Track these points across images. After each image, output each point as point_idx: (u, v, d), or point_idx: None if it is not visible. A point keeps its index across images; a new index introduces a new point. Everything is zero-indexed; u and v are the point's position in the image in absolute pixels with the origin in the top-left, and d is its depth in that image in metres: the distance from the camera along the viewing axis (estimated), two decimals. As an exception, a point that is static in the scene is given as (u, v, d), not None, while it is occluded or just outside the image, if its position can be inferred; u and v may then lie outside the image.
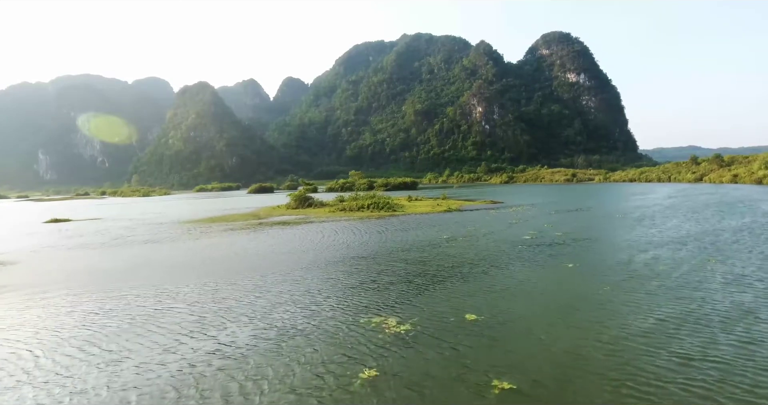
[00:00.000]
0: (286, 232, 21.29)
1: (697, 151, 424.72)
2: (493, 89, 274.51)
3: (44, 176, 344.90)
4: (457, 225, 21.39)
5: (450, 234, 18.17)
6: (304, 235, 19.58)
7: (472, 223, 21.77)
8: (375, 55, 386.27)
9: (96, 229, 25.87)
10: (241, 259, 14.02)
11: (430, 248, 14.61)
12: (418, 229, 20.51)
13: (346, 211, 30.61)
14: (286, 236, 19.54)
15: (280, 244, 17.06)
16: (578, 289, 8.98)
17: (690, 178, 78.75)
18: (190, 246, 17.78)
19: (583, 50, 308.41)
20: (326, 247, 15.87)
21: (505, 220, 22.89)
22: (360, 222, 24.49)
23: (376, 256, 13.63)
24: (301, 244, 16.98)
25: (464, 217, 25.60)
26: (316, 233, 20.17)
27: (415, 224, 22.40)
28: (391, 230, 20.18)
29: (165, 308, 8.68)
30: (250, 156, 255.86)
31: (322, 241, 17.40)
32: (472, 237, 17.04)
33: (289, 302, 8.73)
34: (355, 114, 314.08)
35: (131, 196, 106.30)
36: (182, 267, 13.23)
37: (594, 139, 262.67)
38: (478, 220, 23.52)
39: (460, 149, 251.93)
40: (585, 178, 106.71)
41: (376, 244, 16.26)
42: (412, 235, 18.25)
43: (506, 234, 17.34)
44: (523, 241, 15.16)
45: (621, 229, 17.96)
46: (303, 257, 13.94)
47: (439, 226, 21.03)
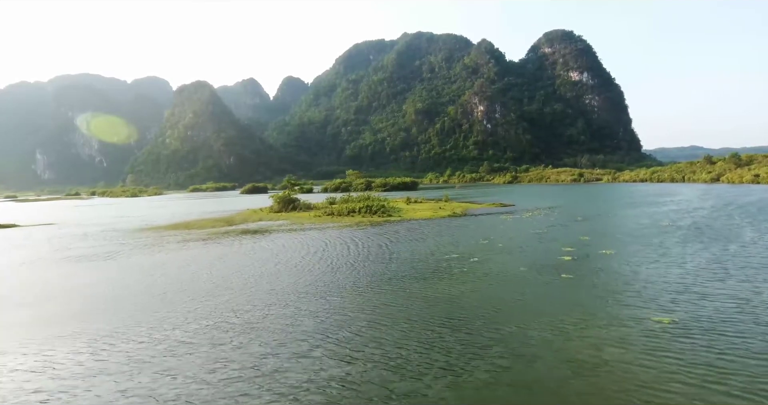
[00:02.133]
0: (251, 244, 17.19)
1: (699, 151, 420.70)
2: (495, 88, 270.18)
3: (42, 176, 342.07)
4: (467, 235, 17.25)
5: (460, 250, 14.02)
6: (270, 250, 15.48)
7: (485, 233, 17.63)
8: (375, 54, 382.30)
9: (35, 238, 21.81)
10: (146, 297, 9.92)
11: (434, 278, 10.46)
12: (417, 240, 16.39)
13: (334, 215, 26.51)
14: (246, 251, 15.42)
15: (230, 266, 12.94)
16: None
17: (706, 178, 74.53)
18: (120, 265, 13.71)
19: (585, 48, 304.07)
20: (289, 271, 11.76)
21: (526, 228, 18.75)
22: (347, 230, 20.37)
23: (354, 292, 9.50)
24: (258, 265, 12.86)
25: (473, 223, 21.47)
26: (287, 247, 16.07)
27: (413, 234, 18.27)
28: (383, 243, 16.05)
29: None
30: (248, 156, 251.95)
31: (288, 261, 13.29)
32: (492, 255, 12.89)
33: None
34: (355, 113, 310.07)
35: (119, 197, 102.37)
36: (60, 308, 9.12)
37: (597, 139, 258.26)
38: (491, 228, 19.38)
39: (462, 149, 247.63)
40: (592, 178, 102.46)
41: (358, 267, 12.14)
42: (409, 251, 14.13)
43: (536, 251, 13.17)
44: (565, 267, 10.97)
45: (688, 244, 13.71)
46: (241, 295, 9.81)
47: (444, 237, 16.89)
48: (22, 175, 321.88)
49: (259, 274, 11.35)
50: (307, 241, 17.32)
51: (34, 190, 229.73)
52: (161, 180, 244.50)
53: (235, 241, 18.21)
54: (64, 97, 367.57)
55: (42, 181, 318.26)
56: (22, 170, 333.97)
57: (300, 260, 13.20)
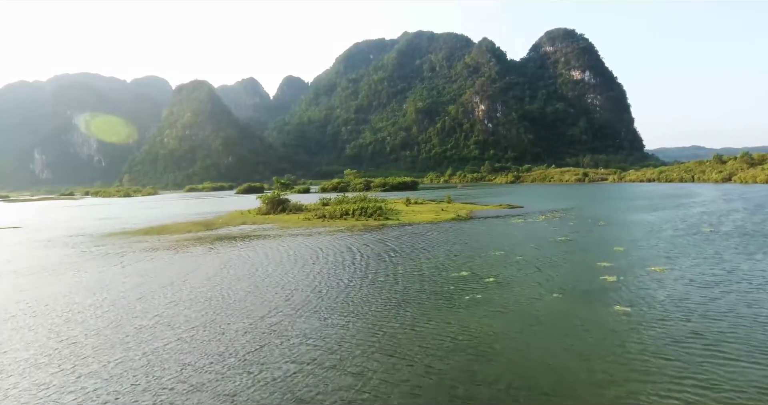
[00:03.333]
0: (225, 254, 14.61)
1: (700, 151, 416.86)
2: (496, 87, 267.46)
3: (40, 176, 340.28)
4: (476, 244, 14.67)
5: (471, 264, 11.43)
6: (246, 263, 12.92)
7: (497, 241, 15.05)
8: (376, 53, 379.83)
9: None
10: (54, 340, 7.36)
11: (442, 309, 7.87)
12: (417, 251, 13.80)
13: (325, 218, 23.92)
14: (217, 265, 12.84)
15: (192, 287, 10.37)
16: None
17: (717, 177, 71.90)
18: (61, 281, 11.14)
19: (588, 47, 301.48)
20: (262, 296, 9.18)
21: (544, 235, 16.16)
22: (338, 237, 17.80)
23: (342, 335, 6.93)
24: (226, 286, 10.28)
25: (481, 228, 18.89)
26: (266, 259, 13.51)
27: (412, 242, 15.68)
28: (377, 255, 13.47)
29: None
30: (247, 155, 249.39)
31: (263, 280, 10.72)
32: (512, 272, 10.30)
33: None
34: (355, 113, 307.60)
35: (112, 197, 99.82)
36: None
37: (599, 138, 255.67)
38: (504, 234, 16.79)
39: (462, 148, 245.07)
40: (597, 177, 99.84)
41: (343, 290, 9.56)
42: (406, 266, 11.55)
43: (566, 268, 10.52)
44: (613, 292, 8.24)
45: (754, 256, 11.12)
46: (192, 339, 7.23)
47: (449, 247, 14.29)
48: (20, 175, 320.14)
49: (225, 302, 8.76)
50: (290, 250, 14.77)
51: (31, 190, 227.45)
52: (159, 180, 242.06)
53: (208, 250, 15.65)
54: (63, 97, 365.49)
55: (40, 181, 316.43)
56: (20, 170, 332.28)
57: (278, 279, 10.61)
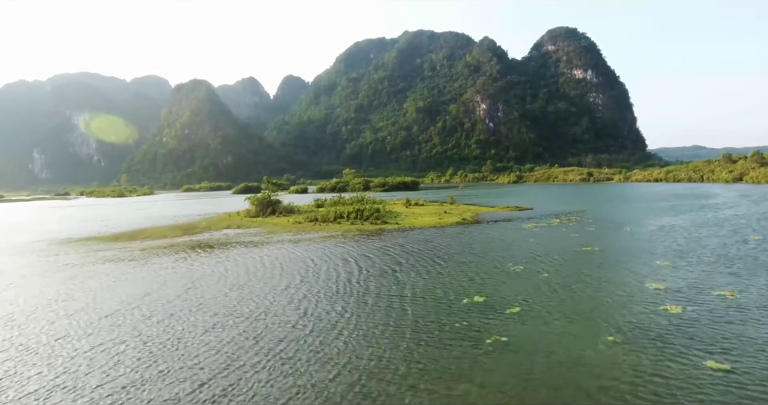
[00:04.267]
0: (198, 266, 12.44)
1: (700, 151, 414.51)
2: (497, 86, 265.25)
3: (39, 175, 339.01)
4: (488, 255, 12.44)
5: (485, 287, 9.20)
6: (219, 280, 10.75)
7: (513, 251, 12.84)
8: (376, 53, 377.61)
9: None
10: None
11: (452, 365, 5.67)
12: (419, 264, 11.60)
13: (317, 222, 21.74)
14: (185, 283, 10.66)
15: (143, 314, 8.21)
16: None
17: (727, 177, 69.56)
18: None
19: (590, 46, 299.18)
20: (223, 332, 7.02)
21: (567, 244, 13.95)
22: (329, 244, 15.62)
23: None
24: (180, 315, 8.11)
25: (491, 234, 16.68)
26: (242, 273, 11.34)
27: (414, 252, 13.48)
28: (374, 270, 11.27)
29: None
30: (246, 155, 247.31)
31: (230, 308, 8.54)
32: (540, 298, 8.09)
33: None
34: (355, 112, 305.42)
35: (106, 197, 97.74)
36: None
37: (602, 138, 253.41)
38: (519, 243, 14.57)
39: (464, 148, 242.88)
40: (602, 177, 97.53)
41: (333, 322, 7.39)
42: (402, 288, 9.35)
43: (608, 291, 8.27)
44: (688, 332, 5.84)
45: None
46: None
47: (456, 260, 12.07)
48: (19, 175, 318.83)
49: (173, 348, 6.55)
50: (274, 263, 12.60)
51: (28, 190, 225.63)
52: (158, 179, 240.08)
53: (178, 261, 13.48)
54: (62, 96, 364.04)
55: (39, 181, 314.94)
56: (19, 169, 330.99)
57: (252, 308, 8.40)
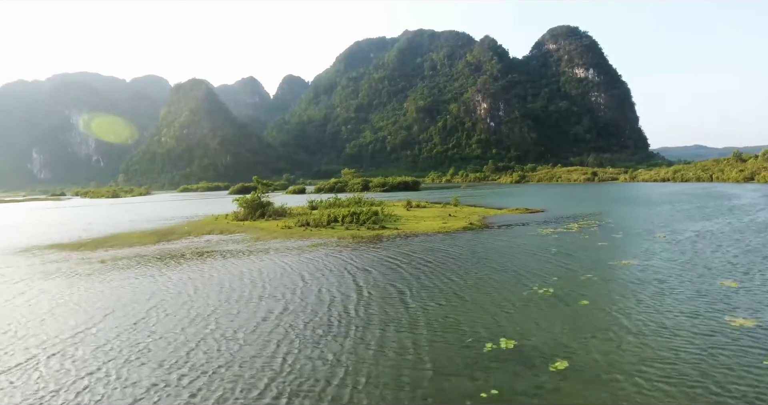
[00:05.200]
0: (157, 289, 10.31)
1: (701, 150, 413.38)
2: (498, 85, 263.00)
3: (38, 175, 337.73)
4: (507, 273, 10.28)
5: (511, 323, 7.07)
6: (177, 308, 8.63)
7: (533, 266, 10.71)
8: (376, 52, 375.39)
9: None
10: None
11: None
12: (426, 288, 9.46)
13: (309, 226, 19.63)
14: (132, 313, 8.55)
15: (54, 376, 6.11)
16: None
17: (737, 177, 67.46)
18: None
19: (591, 45, 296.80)
20: (173, 392, 4.90)
21: (596, 256, 11.83)
22: (318, 255, 13.51)
23: None
24: (116, 361, 6.03)
25: (504, 242, 14.55)
26: (213, 297, 9.22)
27: (419, 267, 11.35)
28: (371, 296, 9.15)
29: None
30: (245, 154, 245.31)
31: (186, 352, 6.45)
32: (587, 343, 5.97)
33: None
34: (355, 112, 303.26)
35: (100, 198, 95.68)
36: None
37: (604, 137, 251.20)
38: (539, 254, 12.44)
39: (464, 147, 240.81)
40: (607, 177, 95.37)
41: (323, 385, 5.29)
42: (401, 322, 7.25)
43: (687, 333, 6.03)
44: None
45: None
46: None
47: (471, 281, 9.91)
48: (18, 174, 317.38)
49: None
50: (253, 280, 10.52)
51: (25, 190, 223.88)
52: (156, 179, 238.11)
53: (141, 277, 11.40)
54: (61, 96, 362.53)
55: (38, 181, 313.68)
56: (17, 169, 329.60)
57: (213, 354, 6.28)
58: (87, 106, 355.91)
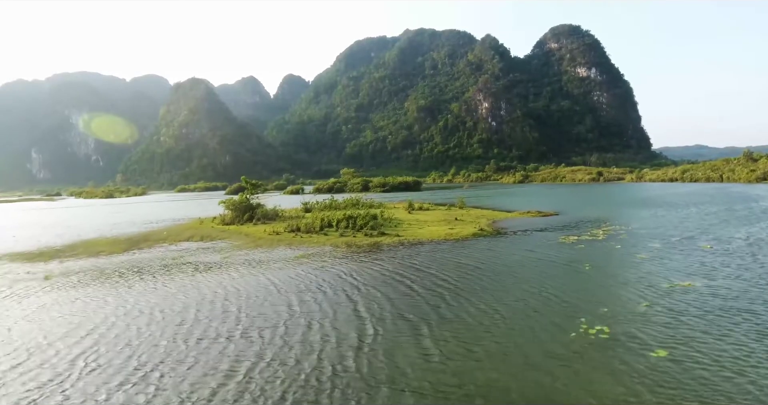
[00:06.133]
0: (100, 319, 8.23)
1: (703, 150, 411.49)
2: (500, 84, 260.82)
3: (37, 175, 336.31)
4: (543, 304, 8.13)
5: (566, 385, 5.00)
6: (108, 349, 6.53)
7: (576, 297, 8.59)
8: (377, 51, 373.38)
9: None
10: None
11: None
12: (444, 329, 7.37)
13: (299, 232, 17.53)
14: (53, 369, 6.47)
15: None
16: None
17: (749, 177, 65.21)
18: None
19: (593, 43, 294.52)
20: None
21: (640, 275, 9.69)
22: (309, 267, 11.42)
23: None
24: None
25: (528, 258, 12.41)
26: (169, 330, 7.13)
27: (433, 295, 9.24)
28: (378, 334, 7.05)
29: None
30: (245, 154, 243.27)
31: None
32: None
33: None
34: (355, 111, 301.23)
35: (94, 198, 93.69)
36: None
37: (606, 137, 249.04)
38: (571, 274, 10.32)
39: (466, 147, 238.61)
40: (613, 177, 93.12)
41: None
42: (410, 382, 5.13)
43: None
44: None
45: None
46: None
47: (498, 316, 7.80)
48: (18, 174, 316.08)
49: None
50: (223, 302, 8.49)
51: (23, 190, 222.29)
52: (155, 179, 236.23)
53: (89, 298, 9.36)
54: (61, 95, 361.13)
55: (37, 180, 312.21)
56: (17, 169, 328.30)
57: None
58: (87, 106, 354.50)
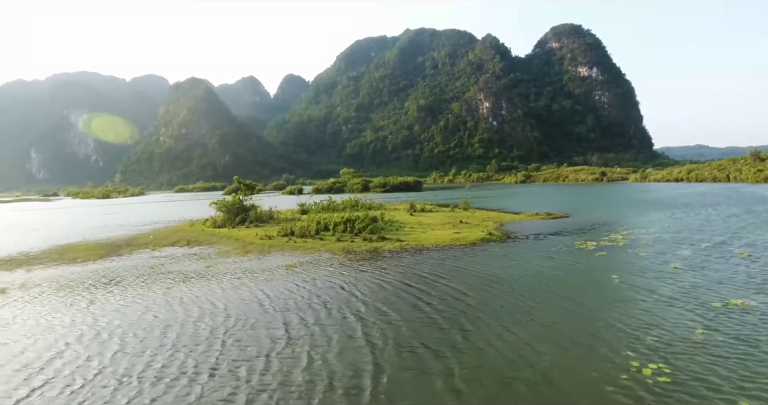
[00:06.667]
0: (52, 342, 6.95)
1: (704, 150, 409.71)
2: (501, 84, 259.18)
3: (36, 175, 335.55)
4: (583, 339, 6.90)
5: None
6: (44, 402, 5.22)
7: (617, 325, 7.29)
8: (377, 51, 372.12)
9: None
10: None
11: None
12: (468, 371, 6.07)
13: (294, 237, 16.24)
14: None
15: None
16: None
17: (757, 177, 63.85)
18: None
19: (595, 43, 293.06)
20: None
21: (688, 292, 8.38)
22: (298, 281, 10.13)
23: None
24: None
25: (547, 267, 11.10)
26: (121, 372, 5.82)
27: (447, 319, 7.94)
28: (389, 382, 5.72)
29: None
30: (244, 154, 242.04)
31: None
32: None
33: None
34: (356, 111, 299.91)
35: (90, 198, 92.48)
36: None
37: (608, 137, 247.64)
38: (599, 290, 9.05)
39: (466, 147, 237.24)
40: (617, 177, 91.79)
41: None
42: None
43: None
44: None
45: None
46: None
47: (532, 355, 6.50)
48: (17, 174, 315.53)
49: None
50: (197, 325, 7.28)
51: (22, 190, 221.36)
52: (154, 179, 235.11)
53: (35, 320, 8.12)
54: (60, 95, 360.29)
55: (36, 181, 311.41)
56: (16, 169, 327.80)
57: None
58: (86, 106, 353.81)
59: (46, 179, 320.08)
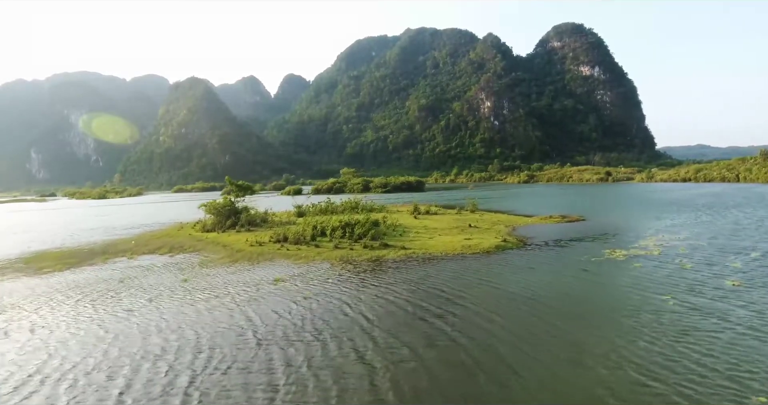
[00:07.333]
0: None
1: (705, 150, 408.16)
2: (502, 83, 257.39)
3: (36, 175, 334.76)
4: (659, 390, 5.34)
5: None
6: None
7: (697, 368, 5.74)
8: (378, 50, 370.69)
9: None
10: None
11: None
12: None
13: (288, 243, 14.70)
14: None
15: None
16: None
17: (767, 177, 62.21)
18: None
19: (597, 42, 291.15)
20: None
21: (763, 316, 6.90)
22: (287, 301, 8.59)
23: None
24: None
25: (580, 282, 9.52)
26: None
27: (475, 360, 6.36)
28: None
29: None
30: (244, 154, 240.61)
31: None
32: None
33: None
34: (356, 110, 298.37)
35: (87, 199, 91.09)
36: None
37: (610, 136, 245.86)
38: (653, 316, 7.47)
39: (468, 146, 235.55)
40: (622, 177, 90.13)
41: None
42: None
43: None
44: None
45: None
46: None
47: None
48: (17, 174, 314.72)
49: None
50: (156, 369, 5.76)
51: (21, 190, 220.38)
52: (154, 179, 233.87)
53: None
54: (60, 95, 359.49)
55: (36, 181, 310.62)
56: (16, 169, 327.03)
57: None
58: (86, 106, 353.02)
59: (46, 179, 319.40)
